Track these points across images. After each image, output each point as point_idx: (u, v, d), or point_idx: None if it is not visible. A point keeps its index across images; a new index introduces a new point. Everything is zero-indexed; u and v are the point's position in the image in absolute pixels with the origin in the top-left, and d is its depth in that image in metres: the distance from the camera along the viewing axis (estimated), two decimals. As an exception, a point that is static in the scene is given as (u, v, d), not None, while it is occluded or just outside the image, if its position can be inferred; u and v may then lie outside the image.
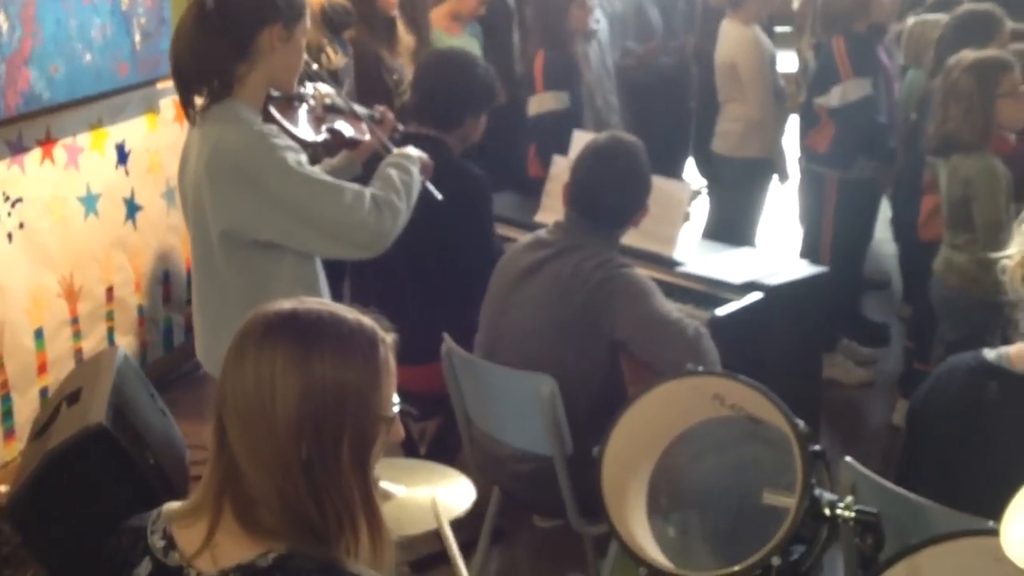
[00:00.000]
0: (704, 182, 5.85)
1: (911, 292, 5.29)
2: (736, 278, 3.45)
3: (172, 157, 4.46)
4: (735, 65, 4.80)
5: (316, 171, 2.49)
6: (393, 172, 2.62)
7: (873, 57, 4.51)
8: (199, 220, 2.50)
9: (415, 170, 2.69)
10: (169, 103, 4.52)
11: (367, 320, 1.44)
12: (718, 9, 5.25)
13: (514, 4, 5.83)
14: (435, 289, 3.38)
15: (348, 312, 1.44)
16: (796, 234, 5.33)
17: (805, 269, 3.63)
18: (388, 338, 1.45)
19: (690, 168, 6.67)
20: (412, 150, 2.78)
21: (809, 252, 4.84)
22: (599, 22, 5.26)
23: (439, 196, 2.87)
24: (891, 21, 4.95)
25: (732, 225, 4.94)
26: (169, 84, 4.41)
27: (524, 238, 3.12)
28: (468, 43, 5.28)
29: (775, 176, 5.02)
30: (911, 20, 4.98)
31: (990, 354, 2.24)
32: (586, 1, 4.72)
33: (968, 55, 3.57)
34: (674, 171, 6.54)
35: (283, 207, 2.38)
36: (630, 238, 3.23)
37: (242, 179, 2.37)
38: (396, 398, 1.45)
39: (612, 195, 2.96)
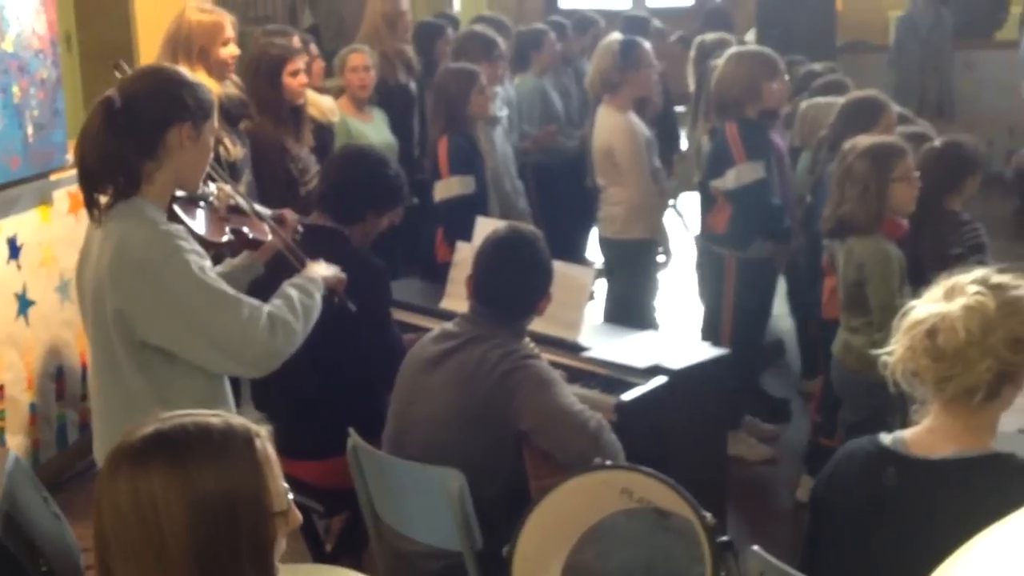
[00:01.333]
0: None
1: (809, 367, 5.41)
2: (640, 362, 3.48)
3: (66, 249, 4.38)
4: (611, 150, 4.88)
5: (218, 280, 2.45)
6: (294, 293, 2.61)
7: (765, 141, 4.65)
8: (99, 320, 2.44)
9: (318, 295, 2.68)
10: (63, 195, 4.44)
11: (235, 419, 1.41)
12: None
13: (415, 89, 5.91)
14: (337, 381, 3.34)
15: (214, 417, 1.41)
16: (697, 313, 5.42)
17: (707, 351, 3.68)
18: (262, 430, 1.42)
19: (594, 245, 6.77)
20: (321, 269, 2.79)
21: (710, 330, 4.93)
22: (501, 109, 5.35)
23: (353, 308, 2.87)
24: (781, 105, 5.10)
25: (629, 306, 5.00)
26: (63, 175, 4.39)
27: (432, 330, 3.11)
28: (381, 129, 5.34)
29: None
30: (803, 104, 5.16)
31: (886, 439, 2.27)
32: (486, 88, 4.79)
33: (863, 140, 3.69)
34: (578, 250, 6.68)
35: (177, 313, 2.34)
36: (535, 323, 3.24)
37: (142, 278, 2.34)
38: (285, 485, 1.41)
39: (514, 286, 2.98)
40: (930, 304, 2.06)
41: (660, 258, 5.03)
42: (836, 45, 9.29)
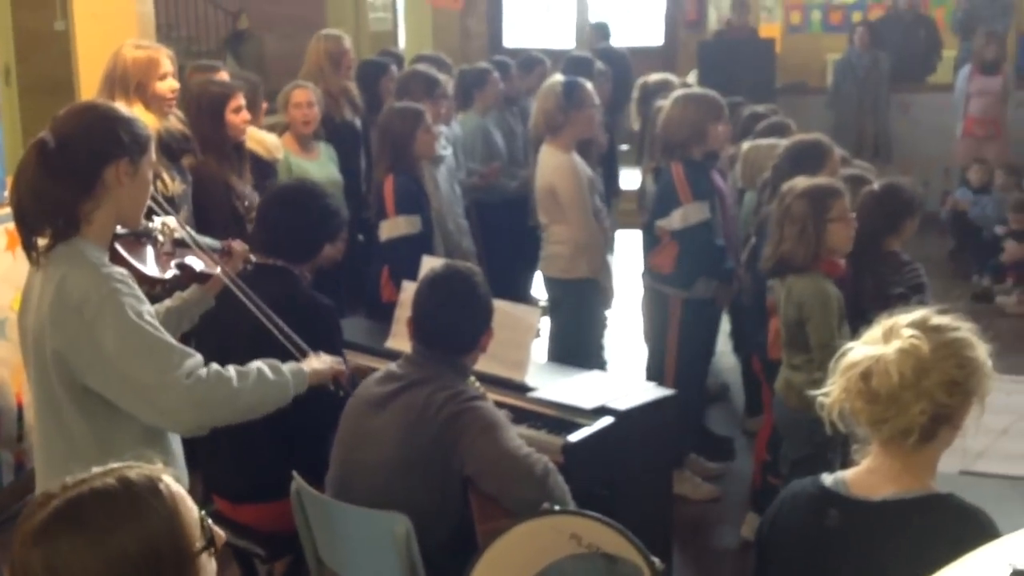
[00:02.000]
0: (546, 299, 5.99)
1: (753, 405, 5.46)
2: (587, 403, 3.48)
3: (2, 287, 4.30)
4: (554, 189, 4.89)
5: (155, 327, 2.37)
6: (257, 363, 2.55)
7: (709, 182, 4.71)
8: (40, 363, 2.39)
9: (287, 376, 2.59)
10: (1, 232, 4.35)
11: (133, 472, 1.39)
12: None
13: (360, 127, 5.91)
14: (282, 424, 3.28)
15: (108, 477, 1.38)
16: (642, 351, 5.45)
17: (653, 391, 3.69)
18: (162, 472, 1.41)
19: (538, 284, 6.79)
20: (315, 363, 2.73)
21: (655, 369, 4.95)
22: (446, 148, 5.37)
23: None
24: (724, 147, 5.17)
25: (574, 345, 5.01)
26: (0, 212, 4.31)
27: (376, 372, 3.09)
28: (326, 166, 5.32)
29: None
30: (746, 145, 5.24)
31: (828, 479, 2.28)
32: (431, 127, 4.81)
33: (801, 181, 3.75)
34: (522, 289, 6.69)
35: (106, 357, 2.30)
36: (480, 363, 3.23)
37: (79, 322, 2.29)
38: (200, 513, 1.40)
39: (453, 323, 2.98)
40: (866, 346, 2.09)
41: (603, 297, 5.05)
42: (776, 87, 9.48)
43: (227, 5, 11.53)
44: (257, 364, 2.56)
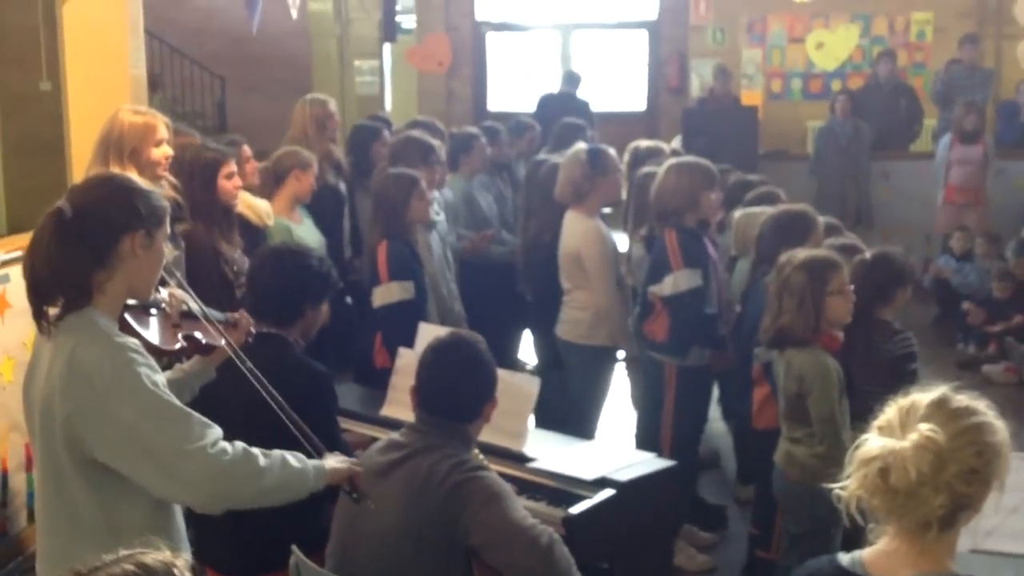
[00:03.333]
0: (535, 362, 5.97)
1: (745, 473, 5.42)
2: (587, 474, 3.45)
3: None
4: (579, 256, 4.92)
5: (170, 396, 2.36)
6: (280, 451, 2.52)
7: (702, 250, 4.72)
8: (48, 434, 2.35)
9: (310, 468, 2.56)
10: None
11: (149, 557, 1.41)
12: (557, 201, 5.39)
13: (345, 191, 5.90)
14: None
15: (127, 559, 1.40)
16: (625, 417, 5.41)
17: (653, 463, 3.66)
18: (177, 560, 1.43)
19: (524, 348, 6.78)
20: (332, 461, 2.68)
21: (646, 437, 4.92)
22: (439, 213, 5.37)
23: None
24: (715, 215, 5.19)
25: (578, 410, 4.99)
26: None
27: (378, 441, 3.05)
28: (310, 231, 5.29)
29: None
30: (738, 213, 5.26)
31: (844, 559, 2.24)
32: (425, 193, 4.81)
33: (800, 253, 3.75)
34: (509, 353, 6.66)
35: (123, 428, 2.26)
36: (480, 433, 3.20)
37: (92, 393, 2.26)
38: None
39: (458, 391, 2.96)
40: (883, 438, 2.04)
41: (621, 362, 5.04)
42: (759, 153, 9.58)
43: (213, 67, 11.57)
44: (282, 452, 2.53)
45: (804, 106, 11.27)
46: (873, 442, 2.04)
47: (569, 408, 4.96)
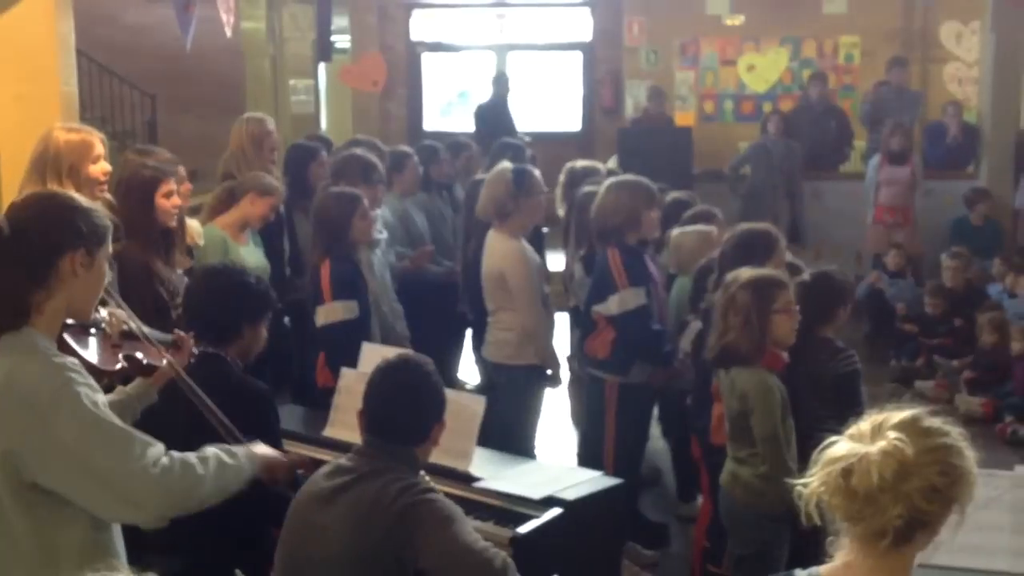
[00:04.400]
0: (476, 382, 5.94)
1: (685, 490, 5.44)
2: (534, 493, 3.43)
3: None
4: (503, 276, 4.87)
5: (111, 416, 2.32)
6: (213, 448, 2.51)
7: (644, 268, 4.74)
8: None
9: (242, 460, 2.56)
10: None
11: None
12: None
13: (284, 211, 5.83)
14: (226, 518, 3.17)
15: None
16: (564, 433, 5.39)
17: (600, 481, 3.65)
18: None
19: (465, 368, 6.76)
20: (259, 450, 2.68)
21: (589, 453, 4.91)
22: (381, 232, 5.33)
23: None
24: (655, 233, 5.22)
25: (510, 431, 4.95)
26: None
27: (324, 466, 3.00)
28: (254, 252, 5.21)
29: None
30: (676, 231, 5.29)
31: (802, 575, 2.26)
32: (368, 211, 4.77)
33: (745, 272, 3.75)
34: (449, 372, 6.63)
35: (67, 451, 2.21)
36: (424, 453, 3.16)
37: (31, 416, 2.20)
38: None
39: (407, 414, 2.92)
40: (851, 442, 2.05)
41: (549, 381, 5.01)
42: (693, 173, 9.67)
43: (144, 86, 11.39)
44: (212, 449, 2.52)
45: (736, 127, 11.40)
46: (841, 444, 2.05)
47: (503, 429, 4.93)
